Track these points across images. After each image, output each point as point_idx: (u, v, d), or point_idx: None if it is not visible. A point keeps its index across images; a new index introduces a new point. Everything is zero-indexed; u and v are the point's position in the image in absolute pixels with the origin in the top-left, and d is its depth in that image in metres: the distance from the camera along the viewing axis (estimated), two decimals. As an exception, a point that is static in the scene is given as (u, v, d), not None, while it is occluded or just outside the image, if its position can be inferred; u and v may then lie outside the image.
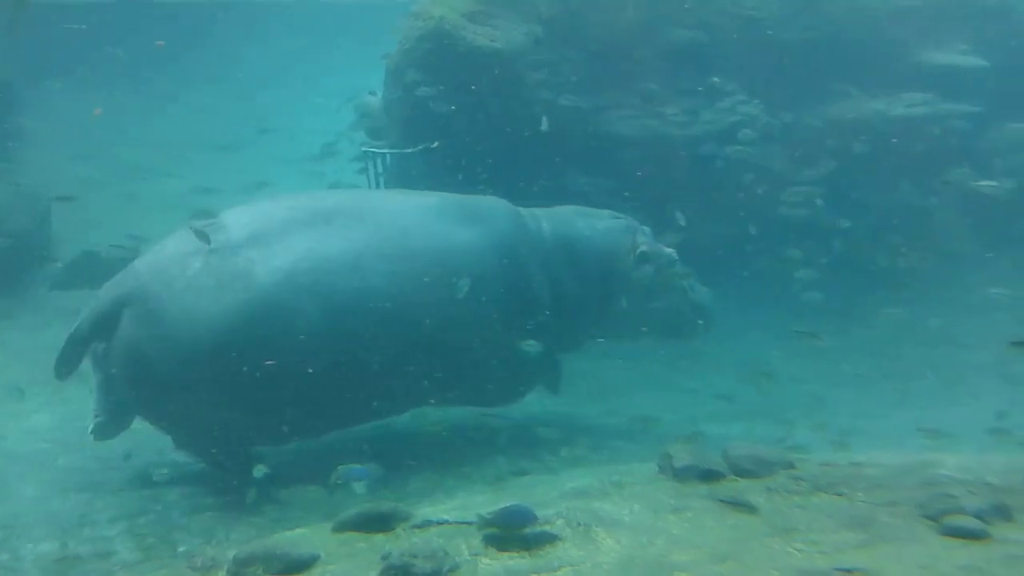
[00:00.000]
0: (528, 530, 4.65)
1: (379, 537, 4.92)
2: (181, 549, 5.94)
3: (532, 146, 10.06)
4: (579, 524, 4.87)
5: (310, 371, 6.65)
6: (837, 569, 4.08)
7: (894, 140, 10.58)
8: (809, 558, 4.27)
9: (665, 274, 8.38)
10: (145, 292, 6.66)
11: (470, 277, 7.22)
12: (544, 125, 8.66)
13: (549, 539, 4.68)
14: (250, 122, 18.58)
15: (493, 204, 7.95)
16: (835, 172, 11.09)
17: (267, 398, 6.69)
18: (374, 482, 6.39)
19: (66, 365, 6.98)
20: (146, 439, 7.39)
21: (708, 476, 5.55)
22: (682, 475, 5.62)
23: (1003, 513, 4.85)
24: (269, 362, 6.56)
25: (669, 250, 8.50)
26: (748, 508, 4.94)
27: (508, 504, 4.86)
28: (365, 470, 6.27)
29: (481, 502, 5.52)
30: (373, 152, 10.93)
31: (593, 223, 8.33)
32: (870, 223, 11.03)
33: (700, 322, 8.66)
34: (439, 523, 5.02)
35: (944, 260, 10.61)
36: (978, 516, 4.71)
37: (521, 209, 8.06)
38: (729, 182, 10.14)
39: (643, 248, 8.32)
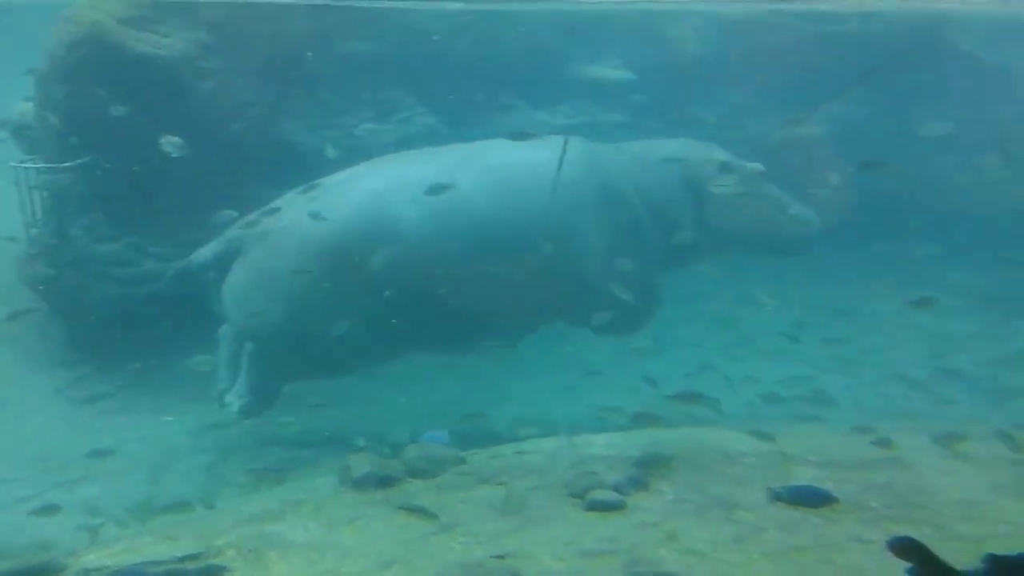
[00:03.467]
0: (191, 566, 4.50)
1: (26, 597, 4.51)
2: None
3: (208, 157, 9.63)
4: (250, 551, 4.81)
5: (421, 277, 7.16)
6: (492, 556, 4.40)
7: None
8: (468, 550, 4.57)
9: (751, 184, 8.57)
10: (258, 229, 7.58)
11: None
12: (175, 151, 8.38)
13: (218, 572, 4.57)
14: None
15: (562, 137, 8.36)
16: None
17: (385, 305, 7.16)
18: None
19: (175, 285, 7.92)
20: None
21: (385, 482, 5.73)
22: (360, 484, 5.75)
23: (639, 484, 5.51)
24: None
25: (754, 164, 8.73)
26: (417, 510, 5.17)
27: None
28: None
29: (149, 542, 5.25)
30: (24, 167, 9.83)
31: (662, 143, 8.88)
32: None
33: (803, 234, 8.78)
34: (98, 570, 4.70)
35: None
36: (617, 489, 5.32)
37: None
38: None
39: (723, 159, 8.62)
